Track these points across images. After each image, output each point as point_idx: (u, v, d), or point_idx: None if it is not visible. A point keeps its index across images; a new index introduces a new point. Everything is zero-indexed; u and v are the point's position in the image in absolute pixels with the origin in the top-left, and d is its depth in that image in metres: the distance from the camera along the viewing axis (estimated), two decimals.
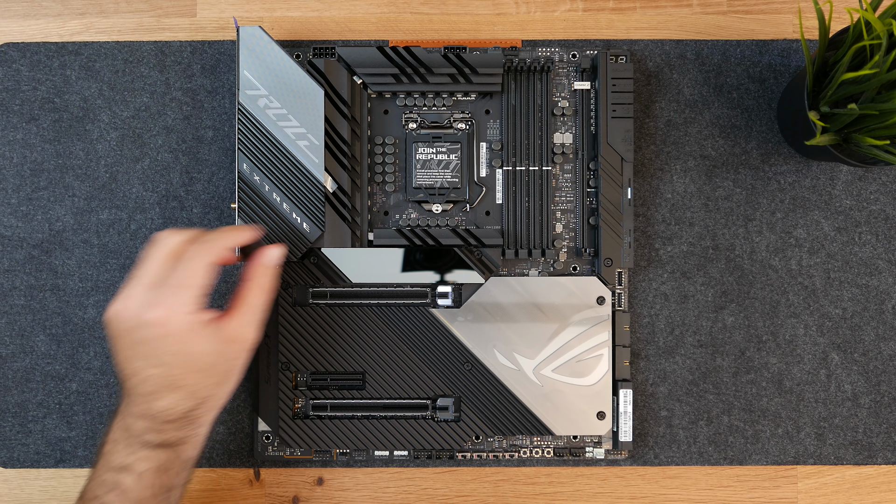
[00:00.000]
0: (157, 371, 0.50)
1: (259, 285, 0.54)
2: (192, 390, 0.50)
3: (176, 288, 0.50)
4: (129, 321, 0.50)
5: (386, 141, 0.61)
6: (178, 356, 0.50)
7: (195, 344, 0.50)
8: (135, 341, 0.50)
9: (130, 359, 0.50)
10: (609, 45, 0.63)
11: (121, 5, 0.63)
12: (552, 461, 0.62)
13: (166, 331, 0.49)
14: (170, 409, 0.50)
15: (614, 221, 0.60)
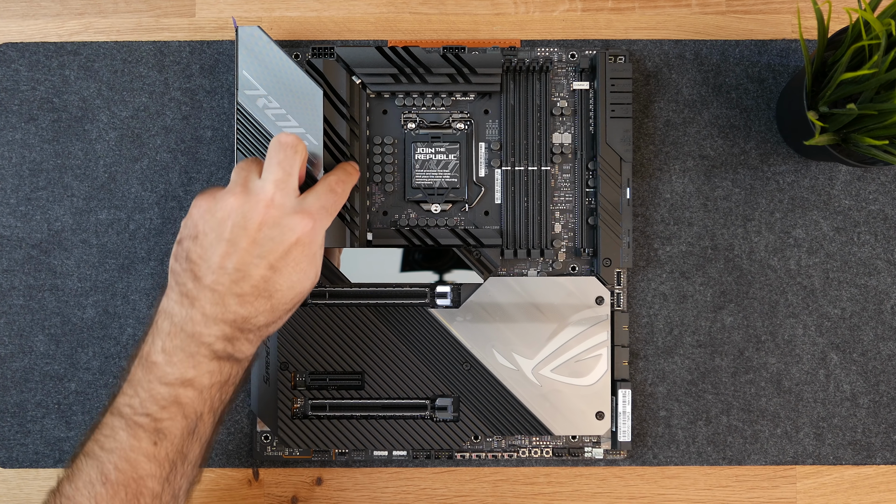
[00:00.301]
0: (268, 274, 0.48)
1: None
2: (277, 306, 0.49)
3: (328, 210, 0.51)
4: (270, 219, 0.48)
5: (385, 141, 0.61)
6: (295, 268, 0.49)
7: (312, 264, 0.50)
8: (264, 238, 0.48)
9: (240, 251, 0.48)
10: (608, 45, 0.63)
11: (119, 5, 0.63)
12: (551, 461, 0.62)
13: (307, 242, 0.49)
14: (253, 317, 0.49)
15: (613, 221, 0.60)
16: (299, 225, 0.49)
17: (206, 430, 0.49)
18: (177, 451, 0.48)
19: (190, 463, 0.49)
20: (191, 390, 0.48)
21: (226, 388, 0.49)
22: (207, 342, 0.48)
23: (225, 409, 0.51)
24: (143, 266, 0.62)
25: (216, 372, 0.48)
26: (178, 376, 0.48)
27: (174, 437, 0.47)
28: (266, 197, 0.49)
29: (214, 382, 0.48)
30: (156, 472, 0.47)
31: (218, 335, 0.48)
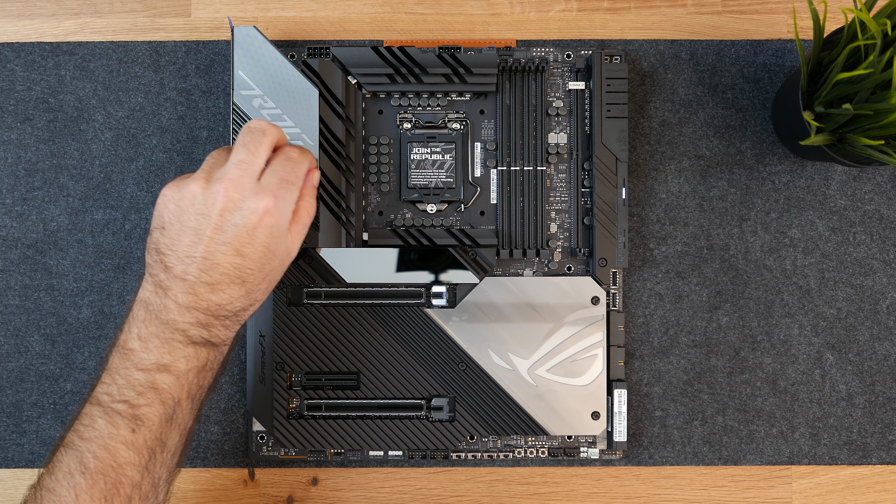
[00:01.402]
0: (236, 261, 0.48)
1: (311, 206, 0.53)
2: (252, 289, 0.49)
3: (289, 184, 0.50)
4: (231, 202, 0.48)
5: (381, 141, 0.61)
6: (264, 251, 0.49)
7: (280, 244, 0.49)
8: (227, 223, 0.48)
9: (201, 236, 0.48)
10: (603, 45, 0.63)
11: (115, 5, 0.63)
12: (547, 461, 0.62)
13: (270, 223, 0.48)
14: (228, 303, 0.49)
15: (609, 221, 0.60)
16: (260, 204, 0.48)
17: (184, 417, 0.49)
18: (155, 438, 0.47)
19: (169, 451, 0.49)
20: (167, 376, 0.48)
21: (203, 374, 0.49)
22: (182, 328, 0.48)
23: (203, 397, 0.50)
24: (138, 266, 0.62)
25: (192, 357, 0.48)
26: (154, 362, 0.48)
27: (152, 423, 0.47)
28: (227, 181, 0.48)
29: (191, 367, 0.48)
30: (135, 460, 0.47)
31: (192, 322, 0.48)
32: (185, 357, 0.48)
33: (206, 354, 0.49)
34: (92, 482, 0.46)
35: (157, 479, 0.48)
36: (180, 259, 0.48)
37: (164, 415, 0.48)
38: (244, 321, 0.51)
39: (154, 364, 0.48)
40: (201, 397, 0.50)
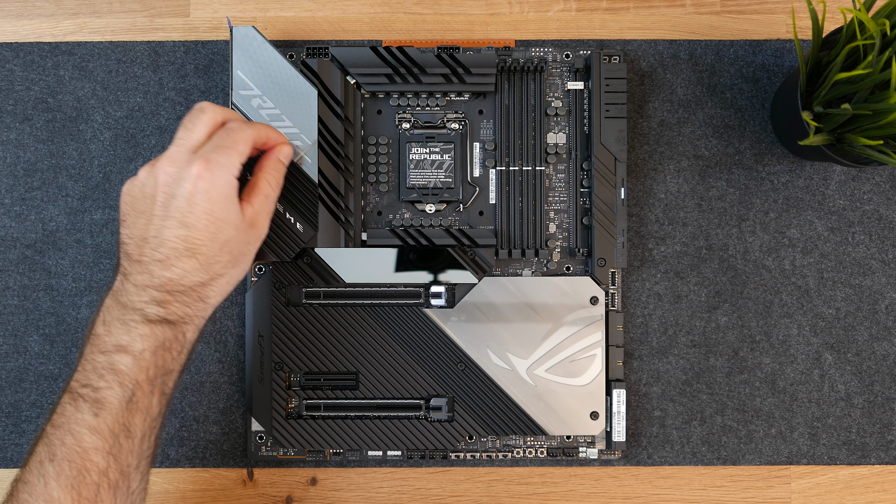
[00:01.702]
0: (181, 233, 0.49)
1: (273, 177, 0.54)
2: (207, 262, 0.50)
3: (224, 148, 0.50)
4: (168, 177, 0.49)
5: (379, 141, 0.61)
6: (208, 218, 0.49)
7: (226, 211, 0.50)
8: (168, 197, 0.49)
9: (150, 218, 0.49)
10: (602, 45, 0.63)
11: (114, 5, 0.63)
12: (545, 461, 0.62)
13: (205, 187, 0.49)
14: (181, 278, 0.49)
15: (608, 221, 0.60)
16: (192, 170, 0.49)
17: (146, 400, 0.48)
18: (116, 422, 0.47)
19: (135, 438, 0.48)
20: (125, 356, 0.48)
21: (162, 354, 0.49)
22: (139, 308, 0.48)
23: (166, 381, 0.50)
24: None
25: (149, 336, 0.48)
26: (113, 343, 0.48)
27: (112, 406, 0.47)
28: (164, 159, 0.50)
29: (147, 346, 0.48)
30: (99, 445, 0.47)
31: (147, 300, 0.49)
32: (140, 336, 0.48)
33: (162, 333, 0.49)
34: (59, 469, 0.46)
35: (125, 466, 0.48)
36: (136, 244, 0.49)
37: (124, 397, 0.47)
38: (211, 299, 0.51)
39: (114, 345, 0.48)
40: (165, 382, 0.50)
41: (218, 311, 0.62)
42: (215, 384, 0.62)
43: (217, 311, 0.62)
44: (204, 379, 0.62)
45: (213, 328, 0.62)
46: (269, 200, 0.54)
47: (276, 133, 0.55)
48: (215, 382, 0.62)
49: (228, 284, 0.52)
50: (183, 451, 0.62)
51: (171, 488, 0.62)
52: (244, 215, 0.52)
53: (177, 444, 0.62)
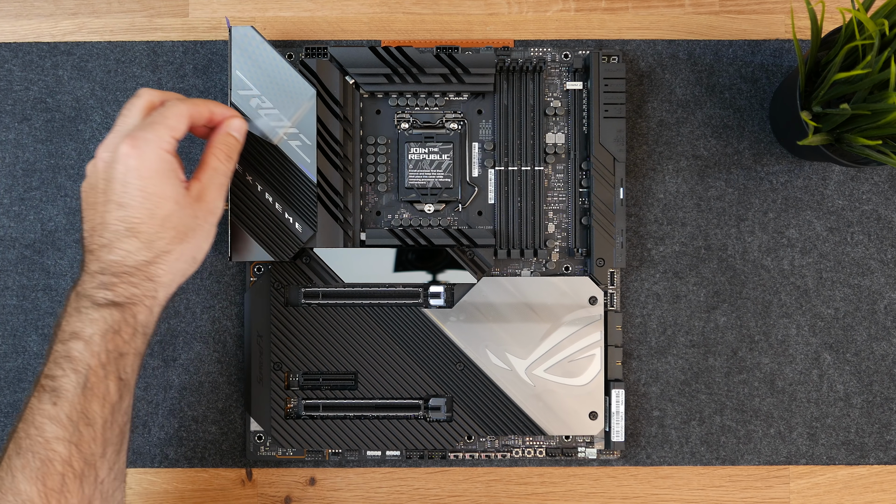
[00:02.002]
0: (120, 213, 0.49)
1: (220, 151, 0.54)
2: (149, 239, 0.50)
3: (152, 125, 0.50)
4: (104, 162, 0.50)
5: (378, 141, 0.61)
6: (142, 195, 0.49)
7: (160, 185, 0.50)
8: (106, 182, 0.50)
9: (95, 206, 0.50)
10: (601, 45, 0.63)
11: (113, 5, 0.63)
12: (544, 461, 0.62)
13: (134, 164, 0.49)
14: (124, 258, 0.49)
15: (606, 221, 0.60)
16: (121, 150, 0.50)
17: (101, 385, 0.48)
18: (74, 409, 0.47)
19: (95, 425, 0.48)
20: (78, 342, 0.48)
21: (112, 337, 0.48)
22: (89, 294, 0.49)
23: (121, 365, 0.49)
24: None
25: (99, 320, 0.48)
26: (69, 331, 0.48)
27: (69, 393, 0.47)
28: (101, 147, 0.51)
29: (97, 331, 0.48)
30: (60, 434, 0.47)
31: (96, 285, 0.49)
32: (91, 321, 0.48)
33: (111, 316, 0.49)
34: (24, 462, 0.47)
35: (88, 455, 0.48)
36: (89, 235, 0.50)
37: (78, 383, 0.48)
38: (161, 277, 0.51)
39: (69, 333, 0.48)
40: (120, 366, 0.49)
41: (217, 311, 0.62)
42: (214, 384, 0.62)
43: (216, 310, 0.62)
44: (203, 379, 0.62)
45: (211, 328, 0.62)
46: (218, 173, 0.53)
47: (223, 108, 0.55)
48: (214, 382, 0.62)
49: (180, 262, 0.51)
50: (182, 451, 0.62)
51: (169, 488, 0.62)
52: (191, 189, 0.52)
53: (175, 443, 0.62)
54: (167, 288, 0.51)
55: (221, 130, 0.55)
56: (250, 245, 0.58)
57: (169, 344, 0.62)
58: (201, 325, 0.62)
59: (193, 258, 0.52)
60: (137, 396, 0.62)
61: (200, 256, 0.53)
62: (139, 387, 0.62)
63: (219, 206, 0.53)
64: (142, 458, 0.62)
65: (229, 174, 0.54)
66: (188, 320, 0.62)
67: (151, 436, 0.62)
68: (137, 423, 0.62)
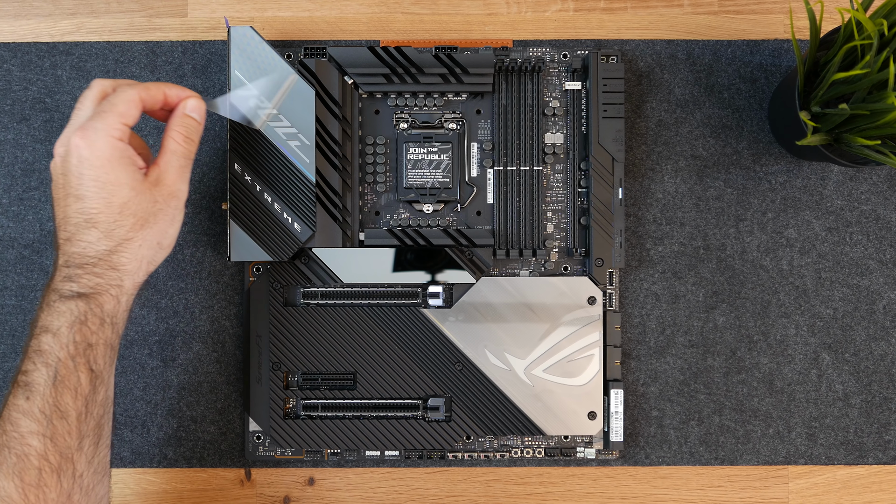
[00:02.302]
0: (78, 206, 0.49)
1: (178, 133, 0.53)
2: (109, 228, 0.49)
3: (101, 113, 0.50)
4: (59, 157, 0.50)
5: (377, 141, 0.61)
6: (96, 184, 0.49)
7: (114, 173, 0.49)
8: (64, 177, 0.50)
9: (58, 202, 0.50)
10: (600, 45, 0.63)
11: (112, 5, 0.63)
12: (543, 461, 0.62)
13: (87, 153, 0.49)
14: (85, 249, 0.49)
15: (605, 221, 0.60)
16: (73, 141, 0.49)
17: (71, 377, 0.48)
18: (46, 402, 0.47)
19: (69, 417, 0.48)
20: (47, 335, 0.48)
21: (79, 328, 0.49)
22: (56, 288, 0.49)
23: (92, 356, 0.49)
24: None
25: (65, 312, 0.48)
26: (39, 326, 0.49)
27: (40, 387, 0.48)
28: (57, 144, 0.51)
29: (64, 323, 0.48)
30: (34, 428, 0.47)
31: (62, 278, 0.49)
32: (58, 313, 0.49)
33: (77, 307, 0.49)
34: (2, 458, 0.47)
35: (64, 448, 0.48)
36: (57, 232, 0.50)
37: (49, 376, 0.48)
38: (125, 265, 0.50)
39: (39, 327, 0.49)
40: (90, 357, 0.49)
41: (215, 311, 0.62)
42: (213, 384, 0.62)
43: (215, 310, 0.62)
44: (202, 379, 0.62)
45: (210, 328, 0.62)
46: (177, 156, 0.52)
47: (178, 88, 0.54)
48: (213, 382, 0.62)
49: (143, 248, 0.51)
50: (180, 451, 0.62)
51: (168, 488, 0.62)
52: (149, 175, 0.51)
53: (174, 443, 0.62)
54: (133, 276, 0.51)
55: (178, 112, 0.53)
56: (249, 245, 0.58)
57: (168, 344, 0.62)
58: (200, 325, 0.62)
59: (158, 244, 0.52)
60: (136, 396, 0.62)
61: (167, 241, 0.53)
62: (138, 387, 0.62)
63: (181, 189, 0.52)
64: (140, 458, 0.62)
65: (189, 156, 0.53)
66: (187, 320, 0.62)
67: (150, 436, 0.62)
68: (136, 423, 0.62)
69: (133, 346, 0.62)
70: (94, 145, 0.49)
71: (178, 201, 0.52)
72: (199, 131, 0.54)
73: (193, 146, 0.54)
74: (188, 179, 0.53)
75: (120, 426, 0.62)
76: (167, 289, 0.62)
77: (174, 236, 0.53)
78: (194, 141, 0.54)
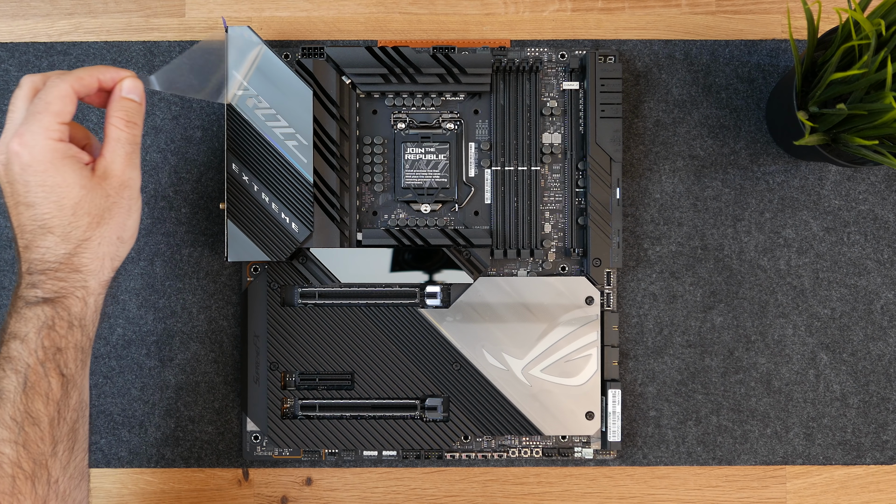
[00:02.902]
0: (29, 213, 0.48)
1: (119, 118, 0.51)
2: (64, 231, 0.48)
3: (34, 114, 0.48)
4: (1, 166, 0.49)
5: (375, 141, 0.61)
6: (43, 189, 0.48)
7: (59, 174, 0.48)
8: (10, 185, 0.49)
9: (10, 210, 0.49)
10: (598, 45, 0.63)
11: (109, 5, 0.63)
12: (541, 461, 0.62)
13: (28, 159, 0.48)
14: (44, 255, 0.49)
15: (603, 221, 0.60)
16: (11, 148, 0.48)
17: (42, 382, 0.48)
18: (17, 409, 0.47)
19: (41, 424, 0.48)
20: (15, 341, 0.48)
21: (47, 333, 0.48)
22: (22, 295, 0.49)
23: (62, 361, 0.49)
24: (132, 266, 0.62)
25: (33, 318, 0.48)
26: (8, 333, 0.48)
27: (10, 394, 0.47)
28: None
29: (31, 329, 0.48)
30: (6, 436, 0.47)
31: (26, 285, 0.49)
32: (25, 320, 0.48)
33: (43, 313, 0.48)
34: None
35: (37, 455, 0.47)
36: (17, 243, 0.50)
37: (19, 383, 0.47)
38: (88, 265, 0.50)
39: (7, 335, 0.48)
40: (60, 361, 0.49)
41: (213, 311, 0.62)
42: (211, 384, 0.62)
43: (212, 310, 0.62)
44: (199, 379, 0.62)
45: (208, 328, 0.62)
46: (121, 143, 0.50)
47: (111, 70, 0.51)
48: (211, 382, 0.62)
49: (103, 245, 0.50)
50: (178, 451, 0.62)
51: (166, 488, 0.62)
52: (97, 169, 0.50)
53: (172, 444, 0.62)
54: (97, 275, 0.50)
55: (115, 96, 0.51)
56: (247, 245, 0.58)
57: (165, 344, 0.62)
58: (198, 325, 0.62)
59: (119, 238, 0.51)
60: (134, 396, 0.62)
61: (127, 234, 0.51)
62: (135, 387, 0.62)
63: (132, 177, 0.51)
64: (138, 459, 0.62)
65: (135, 140, 0.51)
66: (185, 320, 0.62)
67: (148, 436, 0.62)
68: (134, 423, 0.62)
69: (131, 346, 0.62)
70: (33, 150, 0.48)
71: (132, 190, 0.51)
72: (141, 112, 0.52)
73: (137, 129, 0.51)
74: (138, 165, 0.51)
75: (117, 426, 0.62)
76: (165, 289, 0.62)
77: (134, 227, 0.52)
78: (137, 124, 0.51)
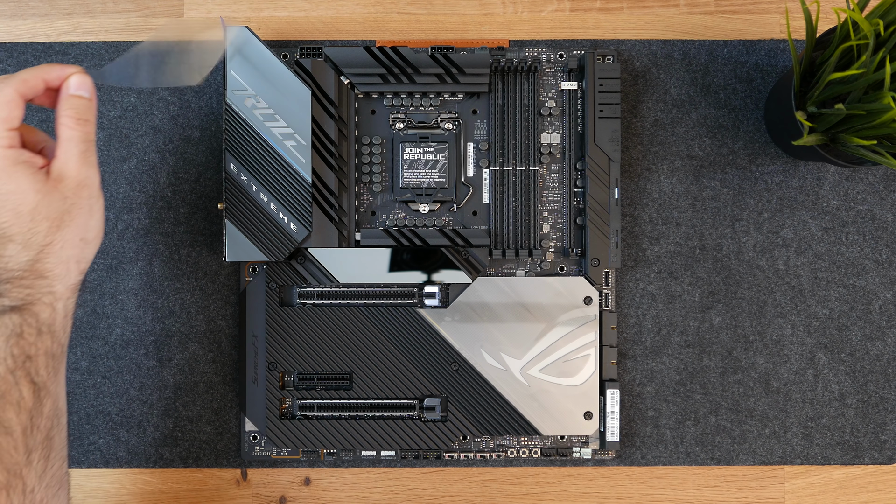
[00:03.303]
0: None
1: (69, 117, 0.49)
2: (25, 238, 0.47)
3: None
4: None
5: (373, 141, 0.61)
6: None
7: (12, 181, 0.47)
8: None
9: None
10: (596, 45, 0.63)
11: (108, 5, 0.63)
12: (539, 461, 0.62)
13: None
14: (7, 264, 0.47)
15: (601, 221, 0.60)
16: None
17: (13, 391, 0.47)
18: None
19: (14, 433, 0.46)
20: None
21: (15, 341, 0.47)
22: None
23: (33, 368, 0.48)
24: (131, 266, 0.62)
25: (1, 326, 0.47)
26: None
27: None
28: None
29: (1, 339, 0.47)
30: None
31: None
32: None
33: (10, 321, 0.47)
34: None
35: (11, 465, 0.46)
36: None
37: None
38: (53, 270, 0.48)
39: None
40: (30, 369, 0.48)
41: (211, 311, 0.62)
42: (209, 384, 0.62)
43: (211, 310, 0.62)
44: (198, 379, 0.62)
45: (206, 328, 0.62)
46: (74, 142, 0.49)
47: (57, 68, 0.50)
48: (209, 382, 0.62)
49: (66, 249, 0.49)
50: (177, 451, 0.62)
51: (164, 488, 0.62)
52: (51, 172, 0.48)
53: (170, 444, 0.62)
54: (63, 279, 0.49)
55: (63, 95, 0.50)
56: (245, 245, 0.58)
57: (164, 344, 0.62)
58: (196, 325, 0.62)
59: (82, 240, 0.50)
60: (132, 397, 0.62)
61: (91, 235, 0.50)
62: (134, 387, 0.62)
63: (88, 176, 0.49)
64: (136, 459, 0.62)
65: (88, 138, 0.50)
66: (183, 320, 0.62)
67: (146, 436, 0.62)
68: (132, 423, 0.62)
69: (129, 346, 0.62)
70: None
71: (90, 189, 0.50)
72: (92, 108, 0.50)
73: (90, 126, 0.50)
74: (95, 163, 0.50)
75: (116, 426, 0.62)
76: (163, 289, 0.62)
77: (98, 227, 0.51)
78: (89, 121, 0.50)
